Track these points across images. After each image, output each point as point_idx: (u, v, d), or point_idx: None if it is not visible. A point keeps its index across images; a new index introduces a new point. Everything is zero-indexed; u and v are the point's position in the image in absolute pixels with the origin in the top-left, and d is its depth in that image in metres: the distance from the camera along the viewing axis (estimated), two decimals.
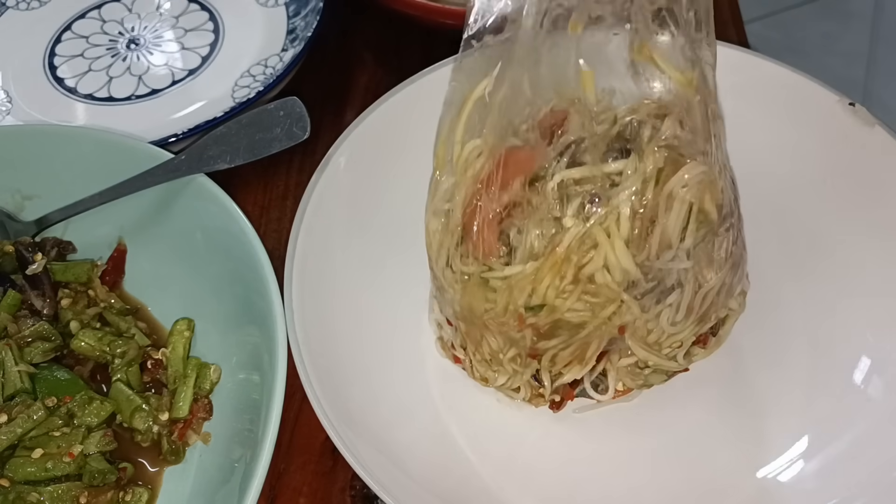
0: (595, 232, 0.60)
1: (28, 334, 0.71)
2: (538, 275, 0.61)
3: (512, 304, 0.62)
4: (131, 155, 0.76)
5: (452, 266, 0.66)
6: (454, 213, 0.67)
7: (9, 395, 0.68)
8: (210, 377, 0.71)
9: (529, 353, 0.65)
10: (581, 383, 0.68)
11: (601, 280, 0.61)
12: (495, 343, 0.65)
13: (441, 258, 0.67)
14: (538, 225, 0.62)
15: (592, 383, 0.68)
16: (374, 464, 0.62)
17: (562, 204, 0.61)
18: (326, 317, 0.70)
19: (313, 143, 0.81)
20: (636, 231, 0.60)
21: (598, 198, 0.60)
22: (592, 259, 0.60)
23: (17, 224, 0.79)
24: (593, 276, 0.61)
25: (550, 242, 0.61)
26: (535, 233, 0.62)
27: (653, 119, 0.63)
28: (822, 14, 2.19)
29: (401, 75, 0.81)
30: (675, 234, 0.62)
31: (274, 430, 0.60)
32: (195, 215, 0.75)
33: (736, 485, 0.66)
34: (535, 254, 0.61)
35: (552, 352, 0.64)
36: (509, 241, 0.63)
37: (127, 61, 0.98)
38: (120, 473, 0.66)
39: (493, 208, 0.63)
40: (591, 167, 0.62)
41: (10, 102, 0.94)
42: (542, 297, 0.61)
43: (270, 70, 0.94)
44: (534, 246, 0.62)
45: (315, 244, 0.71)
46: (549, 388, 0.66)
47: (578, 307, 0.62)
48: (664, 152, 0.61)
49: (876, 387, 0.67)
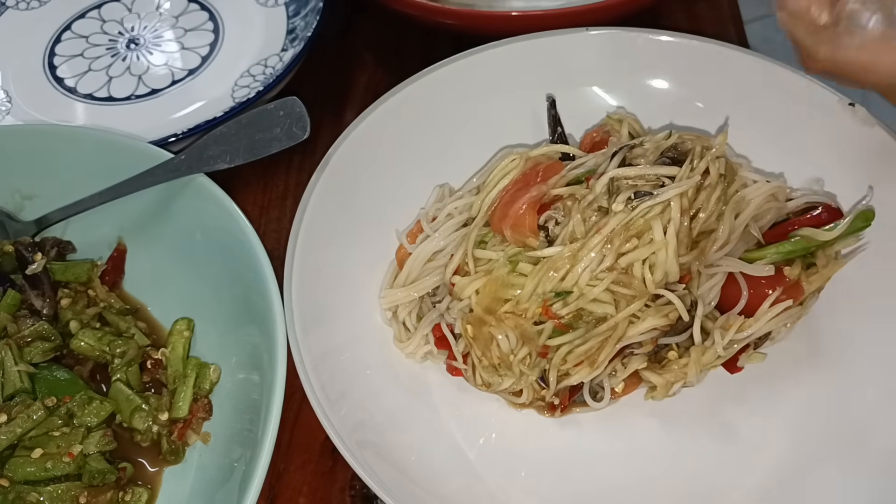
0: (653, 225, 0.61)
1: (28, 334, 0.71)
2: (578, 254, 0.62)
3: (541, 288, 0.63)
4: (131, 155, 0.76)
5: (474, 256, 0.67)
6: (483, 204, 0.70)
7: (8, 394, 0.68)
8: (210, 377, 0.71)
9: (541, 353, 0.65)
10: (579, 390, 0.69)
11: (637, 273, 0.62)
12: (506, 344, 0.66)
13: (454, 262, 0.68)
14: (582, 213, 0.64)
15: (591, 390, 0.68)
16: (374, 464, 0.62)
17: (610, 196, 0.64)
18: (326, 317, 0.70)
19: (313, 143, 0.81)
20: (685, 226, 0.62)
21: (648, 194, 0.62)
22: (636, 249, 0.62)
23: (16, 224, 0.79)
24: (630, 267, 0.62)
25: (595, 226, 0.63)
26: (578, 218, 0.64)
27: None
28: None
29: (400, 75, 0.81)
30: (732, 238, 0.66)
31: (273, 430, 0.60)
32: (195, 215, 0.75)
33: (736, 484, 0.66)
34: (576, 237, 0.63)
35: (566, 348, 0.65)
36: (547, 231, 0.66)
37: (127, 61, 0.98)
38: (119, 473, 0.66)
39: (535, 195, 0.67)
40: (644, 167, 0.65)
41: (10, 102, 0.94)
42: (576, 279, 0.62)
43: (270, 70, 0.94)
44: (575, 231, 0.64)
45: (315, 244, 0.71)
46: (552, 388, 0.66)
47: (605, 298, 0.63)
48: (724, 161, 0.65)
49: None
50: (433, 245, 0.72)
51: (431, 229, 0.73)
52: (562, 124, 0.79)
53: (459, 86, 0.81)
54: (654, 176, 0.64)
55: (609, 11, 0.84)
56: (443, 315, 0.69)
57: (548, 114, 0.79)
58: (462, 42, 0.83)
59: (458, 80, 0.81)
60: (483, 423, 0.70)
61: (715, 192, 0.64)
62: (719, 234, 0.65)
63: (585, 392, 0.68)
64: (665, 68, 0.82)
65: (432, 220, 0.75)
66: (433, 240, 0.73)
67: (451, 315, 0.68)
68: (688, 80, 0.81)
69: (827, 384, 0.69)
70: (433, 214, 0.75)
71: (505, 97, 0.81)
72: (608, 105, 0.83)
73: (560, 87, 0.81)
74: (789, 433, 0.67)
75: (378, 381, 0.70)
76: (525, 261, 0.65)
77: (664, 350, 0.68)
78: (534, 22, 0.83)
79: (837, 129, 0.75)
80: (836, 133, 0.75)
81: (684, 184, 0.62)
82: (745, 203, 0.67)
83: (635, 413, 0.70)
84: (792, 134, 0.77)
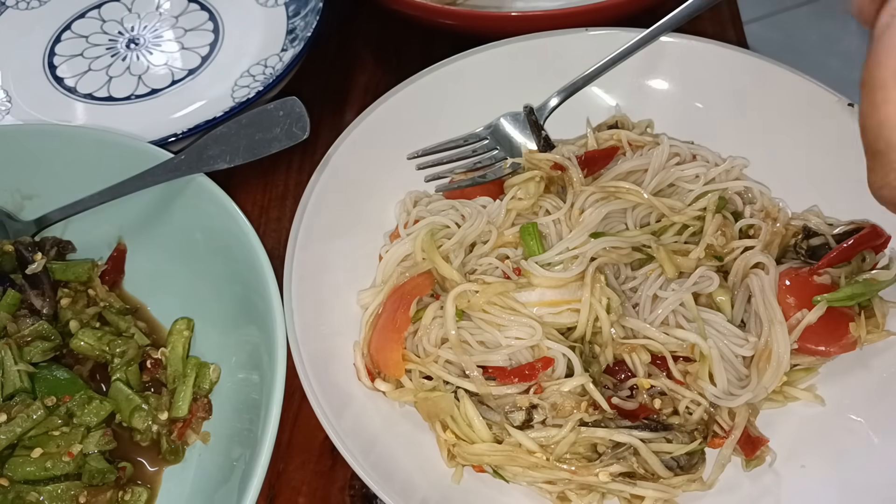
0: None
1: (27, 334, 0.71)
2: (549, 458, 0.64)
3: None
4: (131, 155, 0.76)
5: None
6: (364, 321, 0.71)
7: (8, 394, 0.68)
8: (209, 377, 0.71)
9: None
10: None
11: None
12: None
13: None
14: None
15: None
16: (373, 463, 0.62)
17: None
18: (326, 317, 0.70)
19: (313, 143, 0.81)
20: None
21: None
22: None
23: (16, 223, 0.79)
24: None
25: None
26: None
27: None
28: (820, 15, 2.19)
29: (400, 75, 0.81)
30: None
31: (273, 430, 0.60)
32: (195, 215, 0.75)
33: (737, 482, 0.66)
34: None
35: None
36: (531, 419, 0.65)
37: (126, 61, 0.98)
38: (119, 473, 0.66)
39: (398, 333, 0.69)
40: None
41: (10, 102, 0.94)
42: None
43: (270, 70, 0.94)
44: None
45: (315, 244, 0.71)
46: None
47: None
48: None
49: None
50: (404, 248, 0.73)
51: (406, 233, 0.75)
52: (544, 129, 0.79)
53: (459, 86, 0.81)
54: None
55: (609, 11, 0.84)
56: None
57: (528, 121, 0.79)
58: (462, 42, 0.83)
59: (458, 80, 0.81)
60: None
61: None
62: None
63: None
64: (665, 68, 0.82)
65: (415, 222, 0.75)
66: (404, 243, 0.74)
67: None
68: (687, 80, 0.81)
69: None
70: (416, 217, 0.76)
71: (505, 97, 0.81)
72: (608, 105, 0.83)
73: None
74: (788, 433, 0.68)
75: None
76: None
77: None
78: (534, 22, 0.83)
79: (837, 130, 0.75)
80: (835, 133, 0.75)
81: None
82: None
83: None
84: (791, 134, 0.77)
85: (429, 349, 0.67)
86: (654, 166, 0.75)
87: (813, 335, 0.67)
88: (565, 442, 0.62)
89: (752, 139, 0.78)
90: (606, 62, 0.79)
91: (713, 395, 0.65)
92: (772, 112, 0.78)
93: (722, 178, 0.76)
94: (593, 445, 0.64)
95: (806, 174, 0.76)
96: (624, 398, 0.65)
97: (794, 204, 0.76)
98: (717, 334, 0.66)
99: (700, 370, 0.65)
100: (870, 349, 0.68)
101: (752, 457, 0.65)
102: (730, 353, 0.66)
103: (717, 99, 0.81)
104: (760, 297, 0.67)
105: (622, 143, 0.78)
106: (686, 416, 0.65)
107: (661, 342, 0.66)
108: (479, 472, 0.66)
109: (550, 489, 0.65)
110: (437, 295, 0.71)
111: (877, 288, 0.67)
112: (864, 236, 0.69)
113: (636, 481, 0.63)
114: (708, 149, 0.79)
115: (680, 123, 0.81)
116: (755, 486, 0.65)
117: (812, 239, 0.72)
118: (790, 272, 0.69)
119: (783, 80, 0.78)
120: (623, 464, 0.62)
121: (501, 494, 0.66)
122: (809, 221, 0.73)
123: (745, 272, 0.70)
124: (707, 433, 0.64)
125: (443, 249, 0.71)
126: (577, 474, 0.62)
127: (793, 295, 0.67)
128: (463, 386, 0.65)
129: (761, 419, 0.68)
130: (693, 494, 0.64)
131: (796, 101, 0.77)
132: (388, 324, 0.68)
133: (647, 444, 0.62)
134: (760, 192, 0.76)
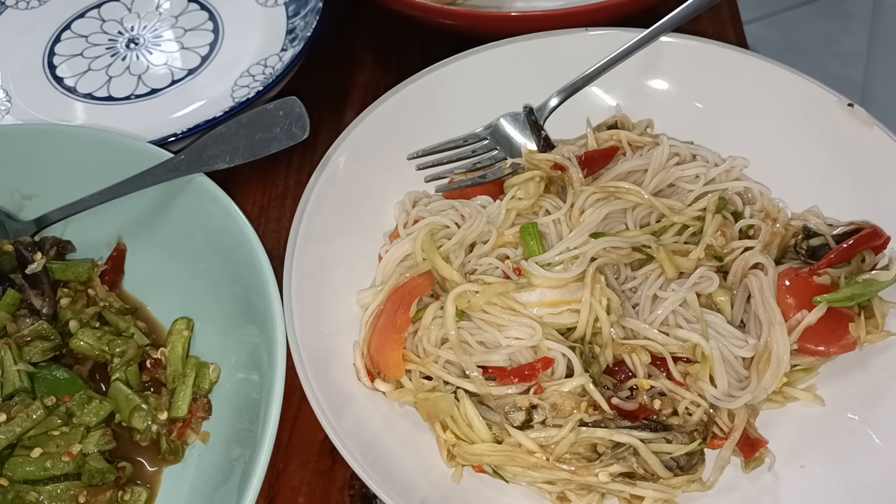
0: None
1: (27, 333, 0.71)
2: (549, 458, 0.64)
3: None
4: (131, 154, 0.76)
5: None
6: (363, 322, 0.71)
7: (8, 394, 0.68)
8: (209, 376, 0.71)
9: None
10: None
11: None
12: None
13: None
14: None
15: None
16: (373, 463, 0.62)
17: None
18: (326, 317, 0.70)
19: (313, 142, 0.81)
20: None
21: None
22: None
23: (16, 223, 0.79)
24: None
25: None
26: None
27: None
28: (820, 15, 2.19)
29: (400, 75, 0.81)
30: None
31: (273, 430, 0.60)
32: (195, 215, 0.75)
33: (736, 482, 0.66)
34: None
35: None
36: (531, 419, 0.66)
37: (126, 61, 0.98)
38: (119, 473, 0.66)
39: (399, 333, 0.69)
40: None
41: (10, 102, 0.94)
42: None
43: (270, 70, 0.94)
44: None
45: (315, 244, 0.71)
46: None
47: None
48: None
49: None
50: (404, 248, 0.73)
51: (405, 233, 0.75)
52: (544, 129, 0.79)
53: (459, 86, 0.81)
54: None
55: (609, 12, 0.84)
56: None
57: (527, 122, 0.79)
58: (462, 42, 0.83)
59: (458, 80, 0.81)
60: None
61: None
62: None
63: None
64: (665, 68, 0.82)
65: (414, 223, 0.75)
66: (403, 243, 0.74)
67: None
68: (687, 80, 0.81)
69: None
70: (415, 218, 0.76)
71: (505, 97, 0.81)
72: (608, 105, 0.83)
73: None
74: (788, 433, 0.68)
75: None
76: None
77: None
78: (534, 22, 0.83)
79: (836, 129, 0.75)
80: (834, 133, 0.75)
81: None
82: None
83: None
84: (791, 134, 0.77)
85: (429, 349, 0.67)
86: (654, 166, 0.75)
87: (813, 335, 0.67)
88: (565, 442, 0.62)
89: (752, 139, 0.78)
90: (606, 62, 0.79)
91: (713, 397, 0.65)
92: (772, 112, 0.78)
93: (722, 178, 0.76)
94: (593, 446, 0.64)
95: (806, 174, 0.76)
96: (624, 399, 0.65)
97: (794, 204, 0.76)
98: (717, 335, 0.66)
99: (701, 371, 0.65)
100: (869, 349, 0.68)
101: (752, 458, 0.65)
102: (730, 355, 0.66)
103: (717, 99, 0.81)
104: (759, 297, 0.67)
105: (622, 144, 0.78)
106: (686, 416, 0.65)
107: (661, 343, 0.66)
108: (479, 472, 0.66)
109: (550, 489, 0.65)
110: (437, 295, 0.71)
111: (876, 288, 0.67)
112: (864, 237, 0.69)
113: (636, 481, 0.63)
114: (708, 149, 0.79)
115: (680, 123, 0.81)
116: (754, 486, 0.65)
117: (812, 239, 0.72)
118: (790, 272, 0.69)
119: (783, 80, 0.78)
120: (623, 464, 0.62)
121: (501, 494, 0.66)
122: (809, 222, 0.73)
123: (745, 272, 0.70)
124: (706, 434, 0.64)
125: (443, 250, 0.71)
126: (576, 474, 0.62)
127: (792, 295, 0.67)
128: (463, 386, 0.65)
129: (761, 419, 0.68)
130: (693, 495, 0.64)
131: (796, 101, 0.77)
132: (388, 324, 0.68)
133: (646, 444, 0.62)
134: (760, 193, 0.76)
